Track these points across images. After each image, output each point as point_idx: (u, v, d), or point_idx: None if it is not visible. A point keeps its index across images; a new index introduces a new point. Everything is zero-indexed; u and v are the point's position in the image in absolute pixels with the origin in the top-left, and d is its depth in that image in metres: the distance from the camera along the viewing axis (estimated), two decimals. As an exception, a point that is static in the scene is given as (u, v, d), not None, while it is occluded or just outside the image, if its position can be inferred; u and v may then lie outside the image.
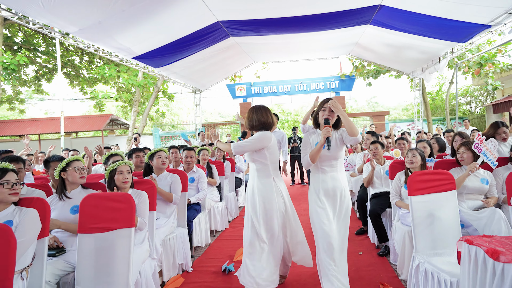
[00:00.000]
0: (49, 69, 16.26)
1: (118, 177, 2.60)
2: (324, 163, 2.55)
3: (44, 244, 1.97)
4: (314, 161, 2.48)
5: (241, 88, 15.75)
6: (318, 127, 2.64)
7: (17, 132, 16.35)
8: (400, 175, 3.13)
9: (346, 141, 2.53)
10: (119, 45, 7.52)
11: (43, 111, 35.64)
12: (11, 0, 5.08)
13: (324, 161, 2.54)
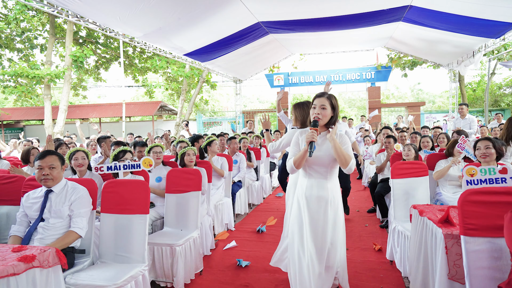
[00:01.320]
0: (106, 59, 18.19)
1: (186, 158, 3.74)
2: (312, 167, 2.24)
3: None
4: (298, 167, 2.17)
5: (279, 78, 16.58)
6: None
7: (81, 116, 18.62)
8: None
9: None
10: (174, 45, 8.75)
11: (97, 95, 38.96)
12: (98, 16, 6.41)
13: (312, 165, 2.24)
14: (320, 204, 2.20)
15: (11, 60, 17.66)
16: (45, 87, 15.59)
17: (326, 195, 2.20)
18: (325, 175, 2.22)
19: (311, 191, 2.21)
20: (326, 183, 2.22)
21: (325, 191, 2.20)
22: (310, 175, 2.24)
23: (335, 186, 2.28)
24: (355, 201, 5.93)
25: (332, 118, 2.21)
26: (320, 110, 2.16)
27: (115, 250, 2.41)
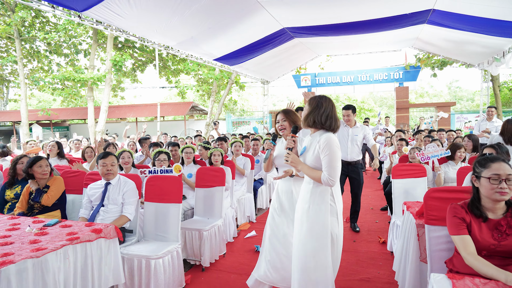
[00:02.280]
0: (142, 62, 19.37)
1: (213, 158, 4.33)
2: (281, 168, 2.59)
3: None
4: (266, 170, 2.69)
5: (306, 78, 16.90)
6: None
7: (119, 115, 19.99)
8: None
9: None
10: (204, 51, 9.43)
11: (133, 95, 41.07)
12: (137, 29, 7.19)
13: (281, 166, 2.57)
14: (291, 208, 2.54)
15: (59, 64, 19.31)
16: (88, 89, 16.97)
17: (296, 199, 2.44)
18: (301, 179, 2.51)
19: (286, 193, 2.64)
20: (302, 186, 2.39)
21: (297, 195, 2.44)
22: (289, 177, 2.60)
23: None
24: (371, 200, 6.28)
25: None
26: (283, 123, 2.63)
27: (155, 231, 3.03)
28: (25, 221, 2.56)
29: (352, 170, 4.25)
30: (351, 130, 4.24)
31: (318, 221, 2.06)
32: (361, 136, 4.22)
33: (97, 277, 2.29)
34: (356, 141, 4.21)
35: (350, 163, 4.23)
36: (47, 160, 3.30)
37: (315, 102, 2.14)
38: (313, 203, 2.09)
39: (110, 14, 6.14)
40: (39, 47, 18.49)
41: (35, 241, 2.10)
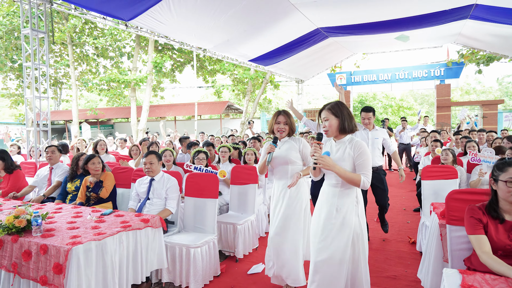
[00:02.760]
0: (181, 62, 20.18)
1: (247, 157, 4.58)
2: (277, 168, 2.86)
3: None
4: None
5: (341, 77, 16.72)
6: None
7: (159, 114, 20.98)
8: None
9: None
10: (239, 53, 9.75)
11: (171, 94, 42.67)
12: (177, 34, 7.65)
13: (277, 166, 2.84)
14: (284, 197, 2.82)
15: (105, 67, 20.65)
16: (131, 90, 18.03)
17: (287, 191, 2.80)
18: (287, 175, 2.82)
19: (276, 190, 2.89)
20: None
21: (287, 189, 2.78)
22: (276, 177, 2.89)
23: (301, 187, 2.84)
24: (405, 200, 6.23)
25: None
26: (284, 125, 2.77)
27: (194, 223, 3.33)
28: (86, 210, 2.97)
29: (374, 176, 3.69)
30: (370, 134, 3.91)
31: (345, 222, 2.15)
32: (381, 139, 3.92)
33: (145, 260, 2.63)
34: (377, 145, 3.89)
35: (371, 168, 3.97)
36: (99, 157, 3.74)
37: (341, 110, 2.20)
38: (341, 206, 2.17)
39: (153, 21, 6.60)
40: (88, 51, 19.87)
41: (95, 227, 2.47)
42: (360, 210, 2.22)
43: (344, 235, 2.14)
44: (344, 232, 2.14)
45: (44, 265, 2.12)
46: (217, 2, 6.43)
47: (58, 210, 3.00)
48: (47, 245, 2.13)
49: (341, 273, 2.13)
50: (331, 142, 2.29)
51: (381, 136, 3.91)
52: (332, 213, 2.19)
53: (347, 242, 2.14)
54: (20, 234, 2.29)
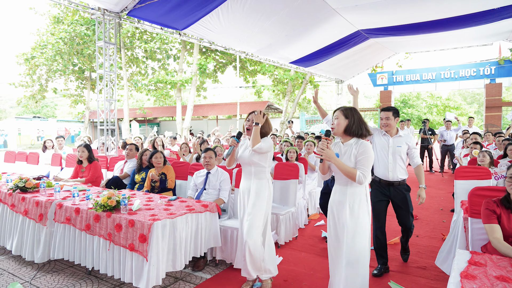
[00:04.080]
0: (223, 63, 21.02)
1: (289, 154, 5.02)
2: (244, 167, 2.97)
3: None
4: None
5: (383, 76, 16.54)
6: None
7: (202, 114, 22.01)
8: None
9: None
10: (281, 55, 10.18)
11: (212, 94, 44.10)
12: (223, 40, 8.25)
13: (244, 165, 2.96)
14: (245, 194, 2.93)
15: (153, 69, 22.05)
16: (176, 90, 19.15)
17: (249, 186, 2.90)
18: (251, 173, 2.90)
19: (242, 185, 2.96)
20: (251, 181, 2.90)
21: (249, 184, 2.90)
22: (244, 174, 2.96)
23: (260, 183, 2.88)
24: (443, 201, 6.31)
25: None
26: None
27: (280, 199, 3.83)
28: (154, 196, 3.58)
29: (395, 193, 3.22)
30: (391, 140, 3.21)
31: (359, 220, 2.24)
32: (404, 148, 3.21)
33: (204, 239, 3.17)
34: (399, 154, 3.20)
35: (392, 183, 3.20)
36: (161, 153, 4.37)
37: (352, 113, 2.34)
38: (352, 203, 2.27)
39: (203, 30, 7.25)
40: (138, 54, 21.35)
41: (166, 209, 3.04)
42: (369, 208, 2.32)
43: (362, 233, 2.23)
44: (361, 230, 2.24)
45: (131, 235, 2.71)
46: (262, 10, 6.92)
47: (133, 195, 3.64)
48: (134, 220, 2.73)
49: (363, 272, 2.22)
50: (339, 145, 2.40)
51: (406, 144, 3.23)
52: (345, 212, 2.27)
53: (365, 241, 2.23)
54: (112, 211, 2.92)
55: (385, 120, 3.25)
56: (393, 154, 3.20)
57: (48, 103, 39.28)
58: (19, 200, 3.64)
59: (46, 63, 19.25)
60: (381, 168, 3.24)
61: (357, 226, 2.24)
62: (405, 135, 3.28)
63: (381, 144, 3.26)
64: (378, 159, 3.25)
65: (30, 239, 3.45)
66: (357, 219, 2.25)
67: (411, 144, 3.27)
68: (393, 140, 3.23)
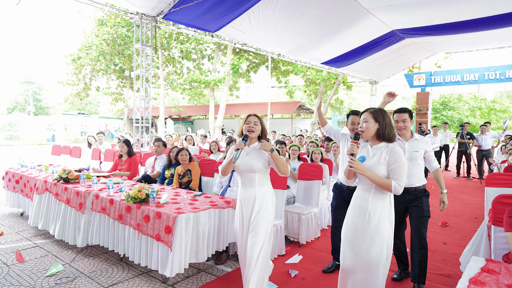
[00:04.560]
0: (256, 63, 21.23)
1: (314, 155, 5.05)
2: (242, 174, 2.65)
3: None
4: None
5: (420, 77, 15.92)
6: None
7: (234, 113, 22.37)
8: None
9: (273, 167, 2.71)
10: (312, 56, 10.16)
11: (245, 93, 44.58)
12: (255, 42, 8.41)
13: (242, 172, 2.63)
14: (248, 204, 2.66)
15: (188, 68, 22.74)
16: (210, 89, 19.64)
17: (253, 196, 2.64)
18: (254, 180, 2.65)
19: (242, 194, 2.67)
20: (254, 189, 2.65)
21: (252, 194, 2.65)
22: (241, 180, 2.69)
23: (265, 191, 2.69)
24: (478, 209, 6.03)
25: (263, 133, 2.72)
26: (254, 125, 2.55)
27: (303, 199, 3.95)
28: (181, 191, 3.79)
29: (411, 200, 2.98)
30: (407, 145, 3.01)
31: (378, 229, 2.17)
32: (421, 152, 3.01)
33: (226, 233, 3.32)
34: (416, 159, 2.98)
35: (408, 190, 2.93)
36: (187, 150, 4.58)
37: (383, 117, 2.26)
38: (374, 211, 2.19)
39: (235, 31, 7.43)
40: (174, 54, 22.12)
41: (191, 203, 3.22)
42: (392, 215, 2.24)
43: (378, 241, 2.16)
44: (378, 238, 2.16)
45: (158, 226, 2.92)
46: (292, 12, 6.98)
47: (162, 189, 3.87)
48: (160, 212, 2.93)
49: (378, 279, 2.16)
50: (367, 148, 2.33)
51: (423, 148, 3.01)
52: (365, 219, 2.20)
53: (381, 249, 2.16)
54: (141, 203, 3.14)
55: (401, 123, 2.99)
56: (411, 160, 2.95)
57: (92, 100, 41.70)
58: (62, 190, 3.99)
59: (90, 63, 20.51)
60: None
61: (376, 233, 2.17)
62: (421, 139, 3.05)
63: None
64: None
65: (71, 225, 3.78)
66: (377, 226, 2.17)
67: (428, 148, 3.04)
68: (409, 145, 3.01)
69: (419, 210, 2.94)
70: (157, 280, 3.11)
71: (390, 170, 2.19)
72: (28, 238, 4.24)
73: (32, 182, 4.63)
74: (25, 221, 4.90)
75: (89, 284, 3.05)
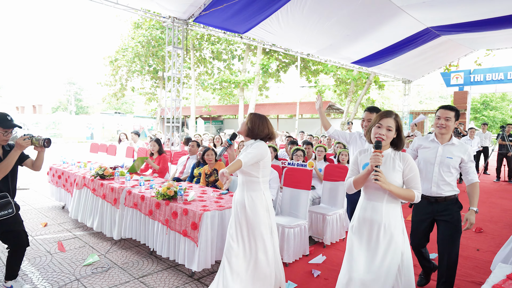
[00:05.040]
0: (286, 63, 21.20)
1: (340, 156, 5.02)
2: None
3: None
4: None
5: (458, 76, 15.18)
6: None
7: (263, 112, 22.44)
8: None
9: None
10: (341, 56, 10.02)
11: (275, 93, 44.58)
12: (284, 42, 8.44)
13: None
14: (236, 208, 2.62)
15: (219, 69, 23.14)
16: (239, 89, 19.88)
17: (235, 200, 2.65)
18: (241, 184, 2.62)
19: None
20: (238, 192, 2.66)
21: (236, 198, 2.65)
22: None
23: (254, 195, 2.57)
24: (518, 216, 5.72)
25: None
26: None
27: (289, 209, 3.99)
28: (208, 190, 3.92)
29: (439, 211, 2.67)
30: (442, 149, 2.67)
31: (392, 241, 2.04)
32: (457, 160, 2.63)
33: (250, 232, 3.39)
34: (448, 167, 2.63)
35: (436, 199, 2.66)
36: (213, 150, 4.71)
37: (397, 124, 2.11)
38: (388, 223, 2.04)
39: (263, 32, 7.51)
40: (205, 54, 22.59)
41: (217, 201, 3.34)
42: (404, 225, 2.13)
43: (395, 254, 2.02)
44: (395, 252, 2.02)
45: (185, 223, 3.06)
46: (321, 12, 6.94)
47: (190, 187, 4.02)
48: (187, 209, 3.07)
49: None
50: (371, 152, 2.12)
51: (459, 155, 2.63)
52: (379, 233, 2.04)
53: (395, 262, 2.03)
54: (170, 200, 3.30)
55: (443, 121, 2.63)
56: (440, 165, 2.64)
57: (127, 100, 43.53)
58: (99, 186, 4.26)
59: (126, 65, 21.45)
60: (423, 181, 2.67)
61: (390, 246, 2.03)
62: (460, 144, 2.66)
63: (428, 152, 2.72)
64: (421, 170, 2.71)
65: (108, 219, 4.04)
66: (391, 239, 2.03)
67: (466, 157, 2.63)
68: (443, 149, 2.67)
69: (449, 226, 2.62)
70: (184, 274, 3.25)
71: (407, 179, 2.08)
72: (68, 230, 4.56)
73: (72, 177, 4.97)
74: (66, 213, 5.27)
75: (122, 274, 3.25)
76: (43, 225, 4.69)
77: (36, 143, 2.61)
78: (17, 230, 2.69)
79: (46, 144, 2.62)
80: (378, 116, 2.11)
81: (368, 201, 2.12)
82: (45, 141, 2.61)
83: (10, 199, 2.62)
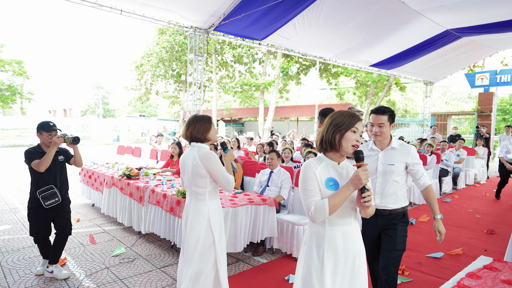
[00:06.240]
0: (306, 66, 21.31)
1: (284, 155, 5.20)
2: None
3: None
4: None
5: (483, 76, 14.81)
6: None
7: (284, 115, 22.67)
8: None
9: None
10: (359, 59, 10.11)
11: (296, 95, 44.65)
12: (301, 47, 8.66)
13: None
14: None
15: (240, 72, 23.57)
16: (260, 92, 20.18)
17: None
18: (198, 194, 2.37)
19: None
20: (196, 202, 2.41)
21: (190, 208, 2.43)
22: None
23: (212, 205, 2.40)
24: (536, 220, 5.66)
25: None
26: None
27: (300, 208, 4.22)
28: (225, 189, 4.22)
29: (384, 225, 2.35)
30: (382, 155, 2.38)
31: (365, 269, 1.73)
32: (400, 166, 2.33)
33: (261, 227, 3.66)
34: (391, 175, 2.32)
35: (381, 212, 2.33)
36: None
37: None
38: (361, 249, 1.71)
39: (281, 39, 7.77)
40: (227, 58, 23.07)
41: (231, 199, 3.63)
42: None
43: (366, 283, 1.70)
44: (366, 280, 1.70)
45: (202, 218, 3.35)
46: (338, 17, 7.12)
47: (208, 187, 4.33)
48: (204, 206, 3.36)
49: None
50: (337, 167, 1.69)
51: (401, 160, 2.33)
52: (354, 264, 1.63)
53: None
54: (189, 197, 3.62)
55: (377, 128, 2.32)
56: (384, 175, 2.34)
57: (152, 103, 44.91)
58: (126, 185, 4.66)
59: (151, 69, 22.27)
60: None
61: (365, 275, 1.69)
62: (400, 147, 2.35)
63: (368, 160, 2.34)
64: None
65: (135, 215, 4.42)
66: (365, 267, 1.69)
67: (410, 160, 2.31)
68: (384, 155, 2.36)
69: (390, 241, 2.28)
70: (201, 266, 3.55)
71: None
72: (98, 225, 4.99)
73: (101, 177, 5.42)
74: (96, 210, 5.73)
75: (145, 264, 3.60)
76: (76, 220, 5.15)
77: (68, 141, 3.10)
78: (64, 217, 3.21)
79: (74, 141, 3.10)
80: (355, 118, 1.70)
81: (338, 227, 1.62)
82: (73, 138, 3.10)
83: (55, 190, 3.11)
